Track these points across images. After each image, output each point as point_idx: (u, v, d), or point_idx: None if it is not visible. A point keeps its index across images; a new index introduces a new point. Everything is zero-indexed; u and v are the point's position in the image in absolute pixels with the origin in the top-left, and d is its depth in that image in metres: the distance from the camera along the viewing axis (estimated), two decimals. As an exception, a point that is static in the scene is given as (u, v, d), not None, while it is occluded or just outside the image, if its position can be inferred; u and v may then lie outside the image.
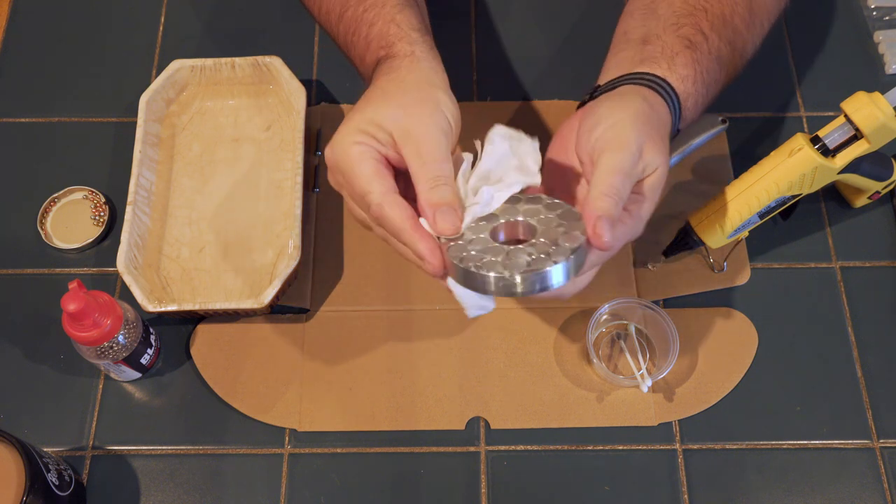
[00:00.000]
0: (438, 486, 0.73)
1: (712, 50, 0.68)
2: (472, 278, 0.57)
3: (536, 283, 0.56)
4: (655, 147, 0.60)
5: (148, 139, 0.82)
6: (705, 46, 0.68)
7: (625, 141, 0.59)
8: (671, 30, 0.68)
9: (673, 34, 0.68)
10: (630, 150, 0.59)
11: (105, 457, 0.74)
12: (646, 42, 0.69)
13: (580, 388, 0.76)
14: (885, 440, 0.75)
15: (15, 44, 0.93)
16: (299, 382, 0.76)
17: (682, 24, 0.68)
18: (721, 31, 0.69)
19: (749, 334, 0.78)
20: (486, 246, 0.58)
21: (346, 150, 0.60)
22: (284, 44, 0.90)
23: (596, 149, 0.60)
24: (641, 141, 0.60)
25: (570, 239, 0.57)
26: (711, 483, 0.73)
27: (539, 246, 0.57)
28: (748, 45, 0.73)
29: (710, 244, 0.76)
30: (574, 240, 0.57)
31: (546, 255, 0.57)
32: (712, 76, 0.68)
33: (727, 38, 0.70)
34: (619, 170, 0.58)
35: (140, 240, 0.78)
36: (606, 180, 0.58)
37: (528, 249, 0.57)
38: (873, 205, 0.83)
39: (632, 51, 0.69)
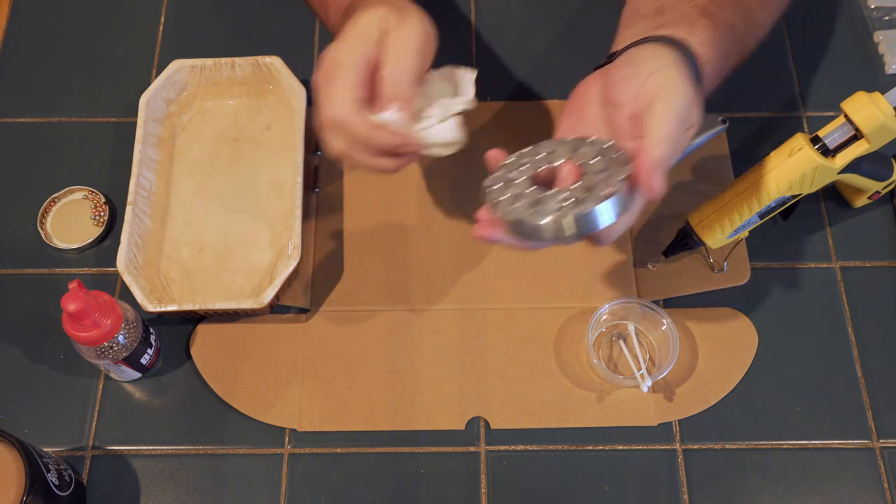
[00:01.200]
0: (438, 486, 0.73)
1: (727, 21, 0.67)
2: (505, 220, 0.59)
3: (566, 227, 0.57)
4: (698, 102, 0.60)
5: (148, 139, 0.82)
6: (719, 17, 0.67)
7: (678, 87, 0.58)
8: (685, 1, 0.67)
9: (687, 4, 0.67)
10: (685, 96, 0.58)
11: (105, 457, 0.74)
12: (660, 13, 0.67)
13: (580, 388, 0.76)
14: (885, 440, 0.75)
15: (15, 44, 0.93)
16: (299, 382, 0.76)
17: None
18: (735, 5, 0.68)
19: (749, 334, 0.78)
20: (522, 190, 0.60)
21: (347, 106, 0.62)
22: (284, 44, 0.90)
23: (645, 94, 0.59)
24: (692, 92, 0.59)
25: (611, 184, 0.57)
26: (711, 483, 0.73)
27: (575, 190, 0.58)
28: (760, 25, 0.72)
29: (710, 244, 0.76)
30: (614, 185, 0.57)
31: (576, 201, 0.57)
32: (727, 47, 0.67)
33: (741, 12, 0.69)
34: (675, 116, 0.57)
35: (140, 240, 0.78)
36: (662, 127, 0.57)
37: (563, 194, 0.58)
38: (873, 205, 0.83)
39: (646, 22, 0.67)
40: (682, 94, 0.59)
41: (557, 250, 0.81)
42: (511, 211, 0.59)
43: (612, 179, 0.57)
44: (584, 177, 0.59)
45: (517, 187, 0.60)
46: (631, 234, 0.82)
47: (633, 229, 0.82)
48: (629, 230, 0.82)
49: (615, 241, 0.63)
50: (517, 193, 0.60)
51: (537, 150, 0.63)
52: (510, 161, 0.63)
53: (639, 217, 0.81)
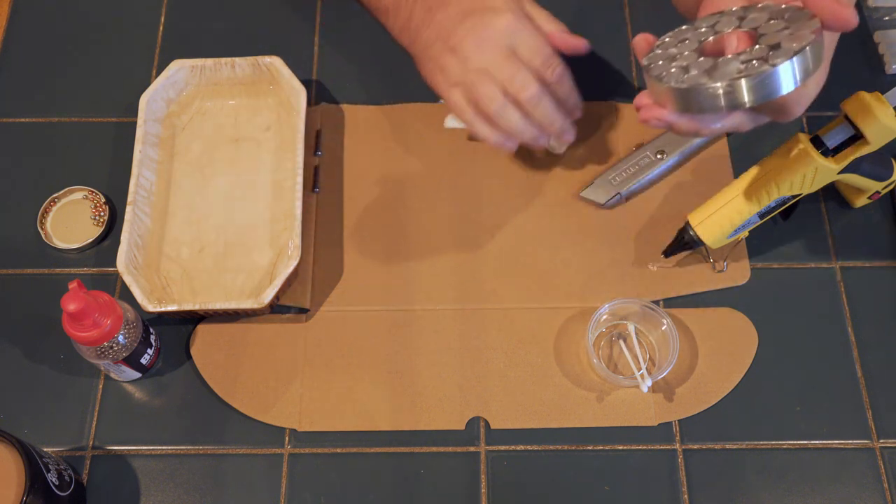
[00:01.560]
0: (438, 486, 0.73)
1: None
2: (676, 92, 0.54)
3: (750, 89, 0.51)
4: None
5: (148, 139, 0.82)
6: None
7: None
8: None
9: None
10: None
11: (105, 457, 0.74)
12: None
13: (580, 388, 0.76)
14: (885, 440, 0.75)
15: (15, 44, 0.93)
16: (299, 382, 0.76)
17: None
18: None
19: (749, 334, 0.78)
20: (690, 62, 0.55)
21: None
22: (284, 44, 0.90)
23: None
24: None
25: (797, 39, 0.52)
26: (711, 483, 0.73)
27: (755, 51, 0.53)
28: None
29: (710, 244, 0.76)
30: (801, 39, 0.52)
31: (762, 60, 0.52)
32: None
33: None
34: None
35: (140, 240, 0.78)
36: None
37: (742, 57, 0.53)
38: (873, 205, 0.83)
39: None
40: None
41: (557, 250, 0.81)
42: (684, 80, 0.53)
43: (800, 34, 0.52)
44: (761, 38, 0.54)
45: (684, 59, 0.55)
46: (631, 234, 0.82)
47: (633, 229, 0.82)
48: (629, 230, 0.82)
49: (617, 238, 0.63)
50: (684, 66, 0.54)
51: (697, 25, 0.58)
52: (667, 39, 0.59)
53: (638, 213, 0.82)
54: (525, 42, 0.73)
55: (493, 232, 0.82)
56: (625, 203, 0.83)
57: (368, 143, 0.87)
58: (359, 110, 0.89)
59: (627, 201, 0.83)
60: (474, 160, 0.86)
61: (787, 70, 0.52)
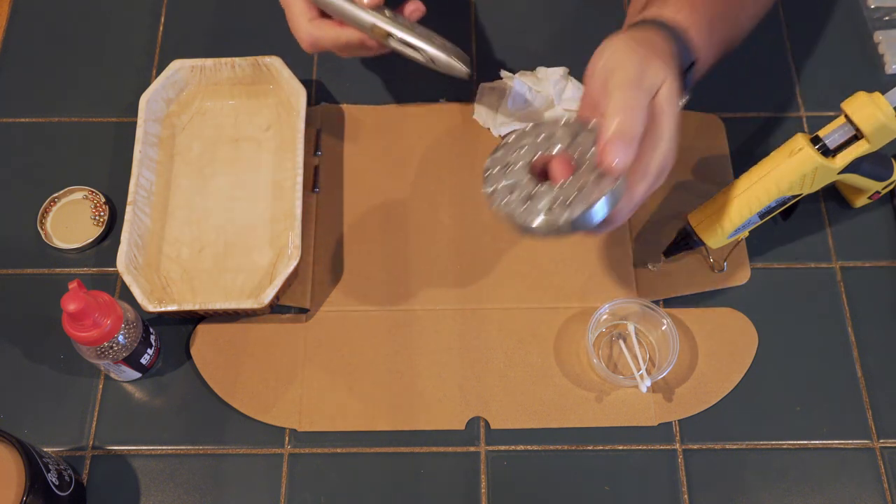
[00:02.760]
0: (438, 486, 0.73)
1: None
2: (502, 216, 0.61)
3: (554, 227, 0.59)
4: (657, 60, 0.60)
5: (148, 139, 0.82)
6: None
7: (624, 58, 0.60)
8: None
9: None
10: (632, 63, 0.59)
11: (105, 457, 0.74)
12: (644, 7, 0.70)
13: (580, 388, 0.76)
14: (885, 440, 0.75)
15: (15, 44, 0.93)
16: (299, 382, 0.76)
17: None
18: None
19: (749, 334, 0.78)
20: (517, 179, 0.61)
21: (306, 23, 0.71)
22: (284, 44, 0.90)
23: (602, 77, 0.60)
24: (641, 55, 0.60)
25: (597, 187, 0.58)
26: (711, 483, 0.73)
27: (566, 188, 0.59)
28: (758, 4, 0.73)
29: (710, 244, 0.76)
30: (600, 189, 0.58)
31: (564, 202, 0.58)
32: (717, 9, 0.68)
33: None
34: (626, 84, 0.58)
35: (140, 240, 0.78)
36: (616, 96, 0.58)
37: (554, 192, 0.59)
38: (873, 205, 0.83)
39: (633, 7, 0.72)
40: (629, 62, 0.59)
41: (557, 250, 0.81)
42: (504, 205, 0.60)
43: (602, 182, 0.58)
44: (575, 174, 0.60)
45: (514, 175, 0.62)
46: (631, 234, 0.82)
47: (633, 229, 0.82)
48: (630, 230, 0.82)
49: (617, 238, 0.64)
50: (511, 184, 0.61)
51: (538, 131, 0.63)
52: (511, 141, 0.64)
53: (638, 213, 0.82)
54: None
55: (492, 232, 0.82)
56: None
57: (368, 143, 0.87)
58: (359, 110, 0.89)
59: None
60: (475, 160, 0.86)
61: (594, 211, 0.58)
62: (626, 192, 0.60)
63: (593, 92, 0.61)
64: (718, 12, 0.69)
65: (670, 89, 0.60)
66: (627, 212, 0.62)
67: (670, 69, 0.61)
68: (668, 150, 0.61)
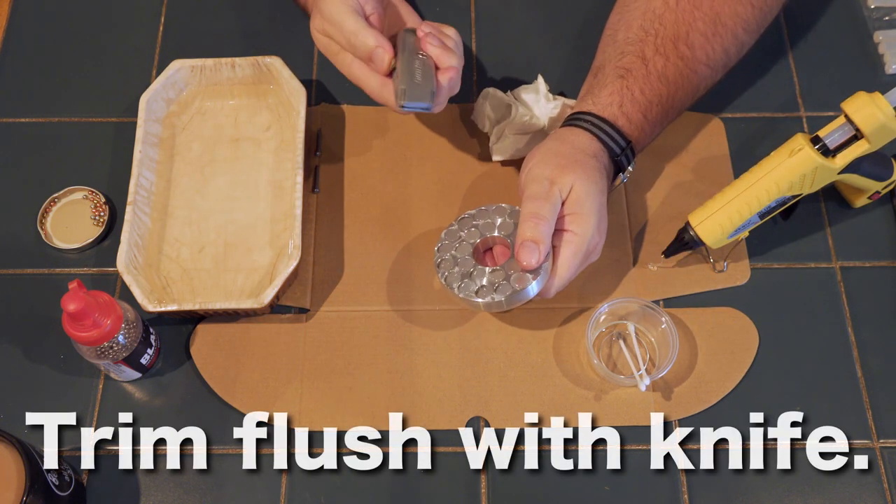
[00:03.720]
0: (438, 486, 0.73)
1: (653, 71, 0.76)
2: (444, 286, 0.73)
3: (484, 306, 0.71)
4: (565, 170, 0.71)
5: (148, 139, 0.82)
6: (643, 70, 0.76)
7: (538, 173, 0.72)
8: (615, 60, 0.78)
9: (614, 65, 0.78)
10: (539, 182, 0.71)
11: (105, 457, 0.74)
12: (595, 74, 0.79)
13: (580, 387, 0.76)
14: (885, 440, 0.75)
15: (15, 44, 0.93)
16: (299, 382, 0.76)
17: (626, 53, 0.77)
18: (669, 52, 0.77)
19: (749, 334, 0.78)
20: (462, 255, 0.74)
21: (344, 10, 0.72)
22: (284, 44, 0.90)
23: (522, 188, 0.73)
24: (548, 172, 0.71)
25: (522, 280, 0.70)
26: (711, 483, 0.73)
27: (497, 274, 0.71)
28: (714, 55, 0.79)
29: (710, 244, 0.76)
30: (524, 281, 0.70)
31: (493, 286, 0.71)
32: (655, 93, 0.76)
33: (679, 55, 0.77)
34: (533, 197, 0.70)
35: (140, 240, 0.78)
36: (525, 209, 0.70)
37: (487, 276, 0.72)
38: (873, 205, 0.83)
39: (586, 83, 0.80)
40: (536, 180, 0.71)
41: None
42: (447, 277, 0.73)
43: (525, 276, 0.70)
44: (507, 262, 0.71)
45: (460, 250, 0.74)
46: (631, 234, 0.82)
47: (633, 229, 0.82)
48: (629, 230, 0.82)
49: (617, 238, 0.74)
50: (456, 259, 0.73)
51: (488, 214, 0.75)
52: (465, 217, 0.76)
53: (638, 214, 0.82)
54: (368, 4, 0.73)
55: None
56: (625, 202, 0.83)
57: (368, 143, 0.87)
58: (359, 110, 0.89)
59: None
60: (474, 160, 0.86)
61: (518, 296, 0.70)
62: (551, 275, 0.71)
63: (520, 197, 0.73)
64: (658, 94, 0.77)
65: (580, 191, 0.71)
66: (555, 290, 0.72)
67: (575, 174, 0.71)
68: (586, 237, 0.71)
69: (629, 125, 0.76)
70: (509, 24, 0.94)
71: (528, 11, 0.95)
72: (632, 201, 0.84)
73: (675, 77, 0.77)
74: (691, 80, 0.78)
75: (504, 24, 0.94)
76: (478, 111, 0.85)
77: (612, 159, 0.75)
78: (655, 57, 0.77)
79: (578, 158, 0.73)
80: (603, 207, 0.73)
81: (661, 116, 0.78)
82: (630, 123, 0.76)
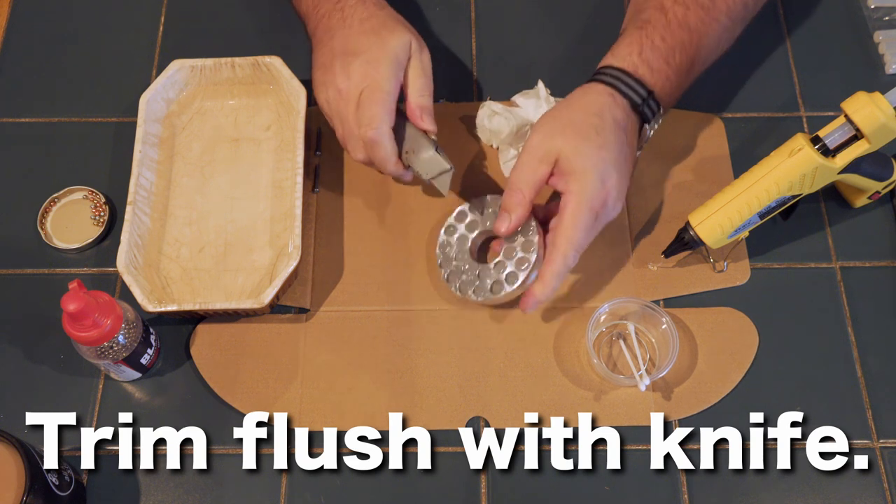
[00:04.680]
0: (438, 486, 0.73)
1: (673, 19, 0.76)
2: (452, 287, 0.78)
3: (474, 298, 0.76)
4: (553, 134, 0.72)
5: (148, 139, 0.82)
6: (663, 19, 0.76)
7: (525, 147, 0.73)
8: (634, 17, 0.79)
9: (633, 21, 0.79)
10: (525, 151, 0.73)
11: (105, 457, 0.74)
12: (621, 33, 0.79)
13: (580, 387, 0.76)
14: (885, 440, 0.75)
15: (15, 44, 0.93)
16: (299, 382, 0.76)
17: (645, 9, 0.78)
18: (689, 2, 0.77)
19: (749, 334, 0.78)
20: (462, 250, 0.78)
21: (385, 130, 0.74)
22: (284, 44, 0.90)
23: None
24: (536, 140, 0.72)
25: (508, 281, 0.74)
26: (711, 483, 0.73)
27: (501, 264, 0.75)
28: (734, 7, 0.79)
29: (710, 244, 0.76)
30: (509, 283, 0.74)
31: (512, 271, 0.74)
32: (676, 40, 0.76)
33: (699, 4, 0.77)
34: (514, 168, 0.73)
35: (140, 240, 0.78)
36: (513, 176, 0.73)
37: (478, 270, 0.76)
38: (873, 205, 0.83)
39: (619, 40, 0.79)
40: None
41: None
42: (461, 286, 0.76)
43: (514, 275, 0.74)
44: (504, 248, 0.75)
45: (460, 241, 0.78)
46: (631, 234, 0.82)
47: (633, 229, 0.82)
48: (630, 230, 0.82)
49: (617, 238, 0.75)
50: (462, 267, 0.77)
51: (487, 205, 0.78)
52: (467, 207, 0.79)
53: (638, 214, 0.82)
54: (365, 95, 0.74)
55: (493, 232, 0.82)
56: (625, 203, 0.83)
57: (368, 143, 0.87)
58: (359, 110, 0.88)
59: None
60: (474, 160, 0.86)
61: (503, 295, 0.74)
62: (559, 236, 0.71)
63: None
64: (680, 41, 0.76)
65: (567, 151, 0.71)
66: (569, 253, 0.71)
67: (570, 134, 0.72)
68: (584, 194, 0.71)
69: (650, 73, 0.75)
70: (509, 23, 0.94)
71: (528, 11, 0.95)
72: (632, 201, 0.84)
73: (697, 24, 0.77)
74: (713, 29, 0.78)
75: (504, 23, 0.94)
76: (478, 125, 0.85)
77: (635, 111, 0.75)
78: (675, 7, 0.77)
79: (573, 119, 0.73)
80: (605, 162, 0.71)
81: (686, 64, 0.77)
82: (651, 71, 0.75)
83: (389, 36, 0.75)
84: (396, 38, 0.75)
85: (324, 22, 0.78)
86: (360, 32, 0.75)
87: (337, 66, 0.75)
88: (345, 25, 0.76)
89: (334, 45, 0.76)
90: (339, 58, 0.75)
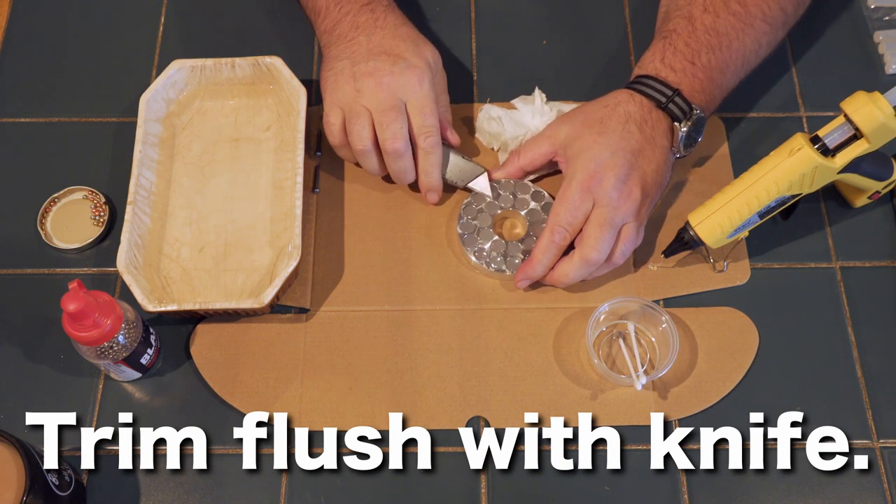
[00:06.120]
0: (438, 486, 0.73)
1: (700, 27, 0.79)
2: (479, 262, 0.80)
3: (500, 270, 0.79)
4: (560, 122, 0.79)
5: (148, 139, 0.82)
6: (689, 28, 0.79)
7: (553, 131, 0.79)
8: (662, 24, 0.82)
9: (661, 28, 0.82)
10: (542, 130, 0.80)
11: (105, 457, 0.74)
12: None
13: (580, 387, 0.76)
14: (885, 440, 0.75)
15: (15, 44, 0.93)
16: (299, 382, 0.76)
17: (672, 18, 0.81)
18: (720, 10, 0.79)
19: (749, 334, 0.78)
20: (484, 225, 0.81)
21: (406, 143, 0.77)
22: (284, 44, 0.90)
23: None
24: (548, 131, 0.79)
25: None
26: (711, 483, 0.73)
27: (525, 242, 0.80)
28: (770, 12, 0.81)
29: (710, 244, 0.76)
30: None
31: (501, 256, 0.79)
32: (701, 43, 0.79)
33: (730, 11, 0.80)
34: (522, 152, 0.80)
35: (140, 240, 0.78)
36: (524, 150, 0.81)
37: (519, 247, 0.80)
38: (873, 205, 0.83)
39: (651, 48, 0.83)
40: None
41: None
42: (464, 226, 0.80)
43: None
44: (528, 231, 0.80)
45: (485, 213, 0.81)
46: (631, 234, 0.82)
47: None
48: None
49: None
50: (483, 225, 0.81)
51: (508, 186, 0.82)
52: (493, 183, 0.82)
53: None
54: (417, 101, 0.77)
55: (493, 232, 0.82)
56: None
57: (368, 143, 0.87)
58: (359, 110, 0.88)
59: None
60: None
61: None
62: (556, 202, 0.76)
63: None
64: (707, 44, 0.78)
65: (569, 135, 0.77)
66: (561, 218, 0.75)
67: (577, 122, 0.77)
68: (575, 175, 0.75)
69: (673, 73, 0.78)
70: (509, 23, 0.94)
71: (529, 11, 0.95)
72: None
73: (727, 29, 0.79)
74: (748, 34, 0.80)
75: (504, 23, 0.94)
76: (478, 128, 0.85)
77: (661, 109, 0.77)
78: (704, 15, 0.79)
79: (585, 110, 0.79)
80: (600, 145, 0.75)
81: (717, 64, 0.79)
82: (674, 71, 0.78)
83: (424, 47, 0.79)
84: (430, 50, 0.80)
85: (349, 18, 0.80)
86: (397, 37, 0.78)
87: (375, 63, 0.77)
88: (378, 26, 0.79)
89: (370, 42, 0.78)
90: (377, 56, 0.77)
